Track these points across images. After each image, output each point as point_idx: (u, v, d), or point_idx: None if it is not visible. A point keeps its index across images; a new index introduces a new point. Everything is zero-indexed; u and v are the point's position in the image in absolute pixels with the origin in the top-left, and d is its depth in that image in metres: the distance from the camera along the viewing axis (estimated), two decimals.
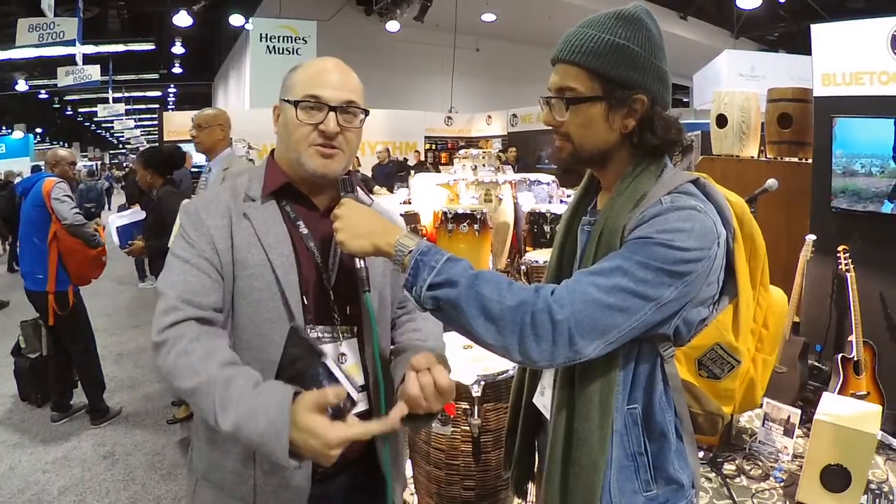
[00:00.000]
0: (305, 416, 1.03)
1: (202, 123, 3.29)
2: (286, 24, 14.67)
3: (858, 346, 3.59)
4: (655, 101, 1.19)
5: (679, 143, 1.24)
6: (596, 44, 1.16)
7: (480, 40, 18.34)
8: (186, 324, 1.18)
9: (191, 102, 25.92)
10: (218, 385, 1.10)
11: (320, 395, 1.06)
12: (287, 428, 1.03)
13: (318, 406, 1.04)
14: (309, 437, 1.02)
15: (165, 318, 1.17)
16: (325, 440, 1.02)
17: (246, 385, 1.10)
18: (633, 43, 1.16)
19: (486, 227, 5.02)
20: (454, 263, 1.12)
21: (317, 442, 1.02)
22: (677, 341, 1.22)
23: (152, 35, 18.33)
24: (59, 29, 9.42)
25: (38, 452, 3.76)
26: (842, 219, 3.98)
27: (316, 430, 1.02)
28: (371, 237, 1.17)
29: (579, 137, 1.22)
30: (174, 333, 1.16)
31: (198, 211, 1.28)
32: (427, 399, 1.16)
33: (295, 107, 1.25)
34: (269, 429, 1.03)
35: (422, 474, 2.53)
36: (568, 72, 1.19)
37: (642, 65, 1.17)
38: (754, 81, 10.24)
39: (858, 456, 2.83)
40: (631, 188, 1.20)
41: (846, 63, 3.92)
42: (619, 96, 1.17)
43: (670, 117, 1.21)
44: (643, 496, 1.23)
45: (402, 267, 1.15)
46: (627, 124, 1.20)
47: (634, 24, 1.18)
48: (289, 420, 1.03)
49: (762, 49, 15.59)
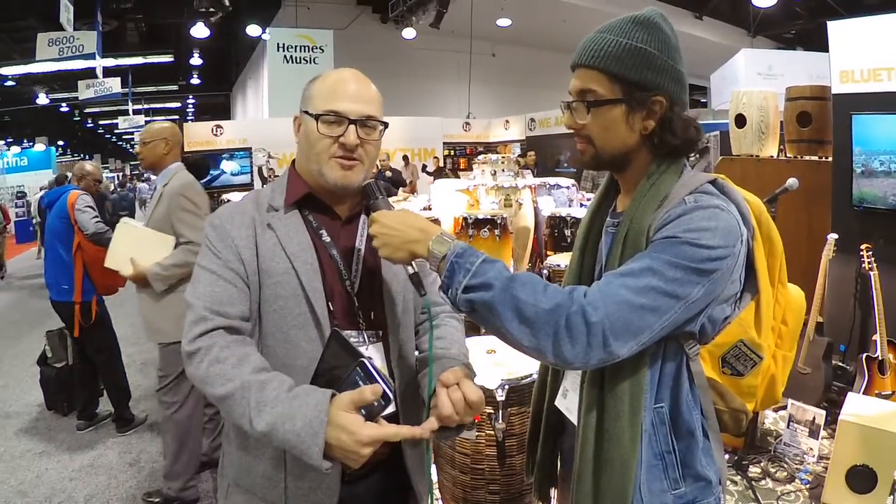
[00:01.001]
0: (340, 413, 1.08)
1: (145, 139, 3.26)
2: (303, 34, 14.83)
3: (883, 346, 3.55)
4: (674, 101, 1.21)
5: (697, 143, 1.26)
6: (615, 48, 1.18)
7: (496, 45, 18.37)
8: (216, 333, 1.22)
9: (210, 113, 26.26)
10: (252, 389, 1.14)
11: (357, 393, 1.10)
12: (324, 427, 1.06)
13: (354, 404, 1.09)
14: (342, 433, 1.06)
15: (195, 329, 1.22)
16: (358, 437, 1.06)
17: (281, 388, 1.14)
18: (651, 46, 1.19)
19: (507, 231, 5.03)
20: (490, 265, 1.14)
21: (349, 438, 1.06)
22: (702, 339, 1.24)
23: (170, 47, 18.59)
24: (78, 42, 9.60)
25: (64, 460, 3.81)
26: (864, 217, 3.94)
27: (350, 426, 1.06)
28: (408, 246, 1.20)
29: (601, 140, 1.24)
30: (205, 343, 1.20)
31: (223, 223, 1.31)
32: (458, 413, 1.20)
33: (316, 120, 1.28)
34: (306, 428, 1.07)
35: (447, 479, 2.54)
36: (588, 75, 1.22)
37: (660, 67, 1.19)
38: (772, 80, 10.15)
39: (884, 456, 2.80)
40: (653, 189, 1.22)
41: (864, 59, 3.89)
42: (638, 98, 1.19)
43: (689, 117, 1.24)
44: (672, 494, 1.24)
45: (438, 269, 1.17)
46: (647, 125, 1.22)
47: (651, 28, 1.20)
48: (326, 420, 1.07)
49: (779, 47, 15.47)
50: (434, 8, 13.59)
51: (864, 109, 3.85)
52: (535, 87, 18.87)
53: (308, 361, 1.27)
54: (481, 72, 17.33)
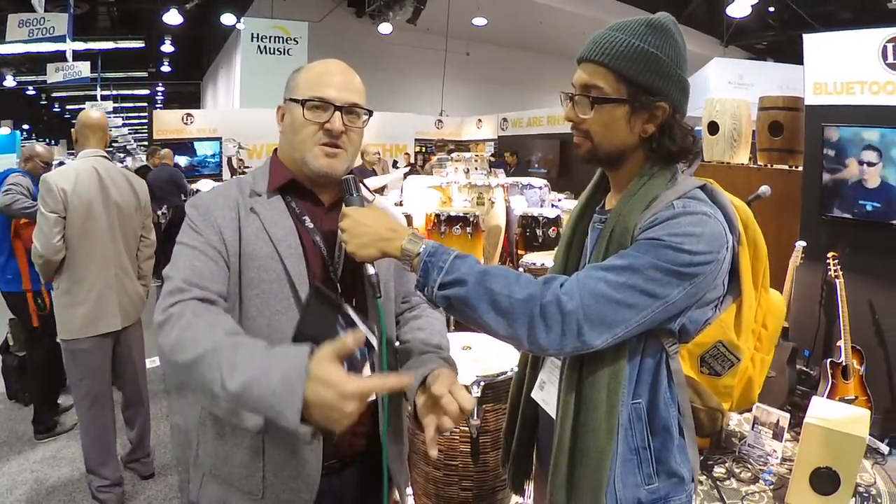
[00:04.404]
0: (321, 365, 0.99)
1: None
2: (278, 25, 14.66)
3: (847, 351, 3.64)
4: (676, 109, 1.24)
5: (692, 152, 1.28)
6: (626, 48, 1.20)
7: (471, 44, 18.36)
8: (190, 302, 1.17)
9: (179, 101, 25.77)
10: (225, 349, 1.06)
11: (339, 343, 1.02)
12: (302, 383, 0.97)
13: (336, 354, 1.01)
14: (323, 388, 0.97)
15: (169, 299, 1.18)
16: (341, 390, 0.96)
17: (256, 347, 1.07)
18: (661, 52, 1.20)
19: (479, 229, 5.06)
20: (462, 261, 1.17)
21: (332, 392, 0.96)
22: (683, 338, 1.26)
23: (142, 33, 18.21)
24: (49, 24, 9.41)
25: (25, 451, 3.73)
26: (832, 226, 4.04)
27: (331, 378, 0.97)
28: (378, 244, 1.21)
29: (599, 136, 1.26)
30: (177, 310, 1.15)
31: (206, 203, 1.30)
32: (454, 421, 1.19)
33: (302, 106, 1.28)
34: (283, 383, 0.98)
35: (420, 475, 2.54)
36: (596, 71, 1.23)
37: (668, 73, 1.21)
38: (742, 89, 10.31)
39: (847, 459, 2.86)
40: (643, 190, 1.24)
41: (838, 72, 3.98)
42: (643, 101, 1.21)
43: (687, 126, 1.26)
44: (645, 489, 1.27)
45: (412, 268, 1.20)
46: (647, 129, 1.24)
47: (663, 34, 1.22)
48: (305, 375, 0.98)
49: (751, 57, 15.72)
50: (412, 4, 13.54)
51: (835, 121, 3.93)
52: (508, 87, 18.96)
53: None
54: (455, 70, 17.32)
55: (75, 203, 2.90)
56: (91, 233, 2.97)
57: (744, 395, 1.49)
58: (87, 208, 2.95)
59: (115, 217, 3.07)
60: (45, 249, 2.85)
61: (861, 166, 3.76)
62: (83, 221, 2.94)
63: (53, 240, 2.85)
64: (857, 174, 3.79)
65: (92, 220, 2.97)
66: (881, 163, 3.67)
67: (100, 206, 3.00)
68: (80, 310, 2.97)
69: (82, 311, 2.97)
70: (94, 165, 3.03)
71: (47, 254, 2.86)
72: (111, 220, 3.05)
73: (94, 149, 3.12)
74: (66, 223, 2.90)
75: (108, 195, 3.04)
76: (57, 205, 2.85)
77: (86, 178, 2.97)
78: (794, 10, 12.54)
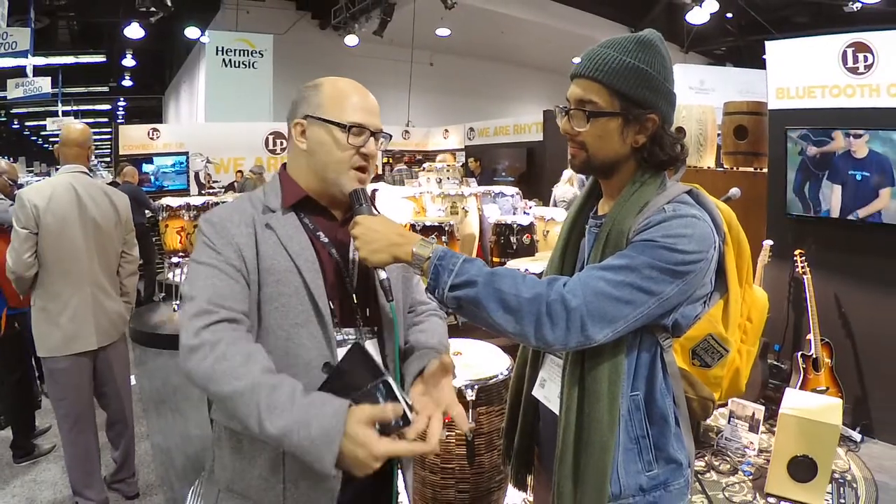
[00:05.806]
0: (358, 426, 1.09)
1: None
2: (242, 38, 14.52)
3: (816, 344, 3.79)
4: (665, 120, 1.33)
5: (680, 160, 1.37)
6: (618, 65, 1.28)
7: (435, 55, 18.44)
8: (220, 326, 1.19)
9: (141, 116, 25.34)
10: (263, 390, 1.12)
11: (378, 409, 1.12)
12: (340, 437, 1.08)
13: (372, 419, 1.10)
14: (357, 447, 1.08)
15: (198, 322, 1.19)
16: (373, 452, 1.08)
17: (294, 392, 1.13)
18: (651, 67, 1.29)
19: (454, 238, 5.14)
20: (471, 264, 1.25)
21: (363, 452, 1.08)
22: (675, 332, 1.35)
23: (103, 47, 17.94)
24: (11, 39, 9.18)
25: (4, 476, 3.64)
26: (797, 225, 4.20)
27: (366, 441, 1.08)
28: (390, 249, 1.27)
29: (594, 147, 1.34)
30: (210, 337, 1.17)
31: (222, 220, 1.31)
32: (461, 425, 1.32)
33: (347, 131, 1.33)
34: (322, 436, 1.08)
35: (416, 479, 2.58)
36: (590, 87, 1.31)
37: (657, 87, 1.30)
38: (704, 94, 10.56)
39: (823, 446, 2.99)
40: (636, 196, 1.33)
41: (799, 77, 4.14)
42: (635, 114, 1.30)
43: (676, 136, 1.35)
44: (646, 475, 1.35)
45: (422, 272, 1.26)
46: (638, 140, 1.33)
47: (651, 50, 1.30)
48: (343, 430, 1.08)
49: (710, 63, 16.07)
50: (378, 16, 13.55)
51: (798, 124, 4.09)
52: (472, 97, 19.07)
53: (310, 359, 1.28)
54: (421, 80, 17.34)
55: (48, 220, 2.85)
56: (65, 250, 2.91)
57: (732, 384, 1.58)
58: (60, 225, 2.89)
59: (91, 234, 3.00)
60: (16, 265, 2.82)
61: (847, 138, 3.84)
62: (56, 239, 2.88)
63: (24, 255, 2.80)
64: (844, 146, 3.87)
65: (66, 238, 2.91)
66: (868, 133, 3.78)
67: (75, 222, 2.94)
68: (56, 328, 2.92)
69: (58, 329, 2.92)
70: (71, 182, 2.97)
71: (18, 270, 2.82)
72: (87, 237, 2.99)
73: (74, 164, 3.06)
74: (39, 239, 2.85)
75: (86, 212, 2.98)
76: (28, 221, 2.81)
77: (61, 193, 2.92)
78: (751, 16, 12.89)
